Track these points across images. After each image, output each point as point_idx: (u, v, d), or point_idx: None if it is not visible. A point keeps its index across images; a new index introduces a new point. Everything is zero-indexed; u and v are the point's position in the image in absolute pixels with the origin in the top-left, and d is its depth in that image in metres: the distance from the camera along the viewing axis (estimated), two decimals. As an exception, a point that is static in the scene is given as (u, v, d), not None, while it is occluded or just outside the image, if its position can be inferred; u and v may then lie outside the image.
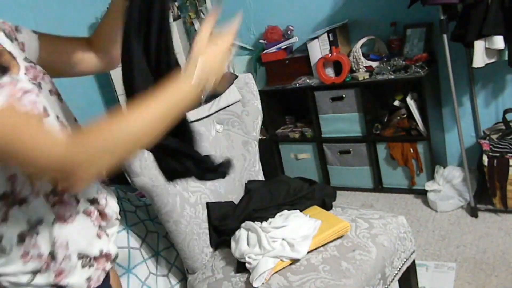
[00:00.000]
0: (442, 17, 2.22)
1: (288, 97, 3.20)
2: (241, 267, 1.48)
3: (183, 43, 3.35)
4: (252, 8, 3.22)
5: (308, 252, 1.45)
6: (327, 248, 1.47)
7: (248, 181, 1.83)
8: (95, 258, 0.95)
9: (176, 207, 1.55)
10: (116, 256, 1.03)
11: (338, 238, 1.50)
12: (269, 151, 3.20)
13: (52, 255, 0.88)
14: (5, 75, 0.81)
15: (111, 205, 1.01)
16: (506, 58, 2.21)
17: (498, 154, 2.33)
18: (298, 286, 1.36)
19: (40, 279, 0.88)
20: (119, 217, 1.04)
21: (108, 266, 0.99)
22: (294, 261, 1.43)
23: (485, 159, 2.35)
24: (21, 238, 0.85)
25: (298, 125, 3.21)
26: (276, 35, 3.09)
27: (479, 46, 2.19)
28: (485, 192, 2.46)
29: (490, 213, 2.45)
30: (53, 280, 0.88)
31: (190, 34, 3.49)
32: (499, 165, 2.31)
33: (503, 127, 2.46)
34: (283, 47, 3.05)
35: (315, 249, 1.46)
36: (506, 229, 2.31)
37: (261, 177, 1.90)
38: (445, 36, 2.26)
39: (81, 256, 0.92)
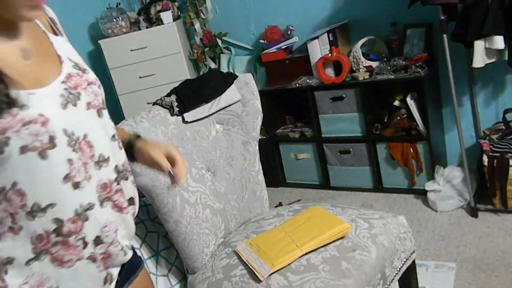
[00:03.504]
0: (442, 17, 2.22)
1: (288, 97, 3.20)
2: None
3: (183, 43, 3.35)
4: (252, 8, 3.22)
5: (308, 252, 1.45)
6: (327, 248, 1.47)
7: None
8: None
9: (176, 207, 1.55)
10: None
11: (338, 238, 1.50)
12: (269, 151, 3.20)
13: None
14: (9, 108, 0.76)
15: (120, 239, 0.96)
16: (506, 58, 2.21)
17: (498, 154, 2.33)
18: (298, 286, 1.36)
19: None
20: (128, 252, 1.00)
21: None
22: (295, 259, 1.43)
23: (485, 159, 2.36)
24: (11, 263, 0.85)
25: (298, 125, 3.21)
26: (276, 35, 3.09)
27: (479, 46, 2.19)
28: (485, 192, 2.46)
29: (490, 213, 2.45)
30: None
31: (190, 34, 3.49)
32: (499, 165, 2.31)
33: (503, 127, 2.46)
34: (283, 47, 3.05)
35: (315, 249, 1.47)
36: (506, 229, 2.31)
37: (261, 177, 1.90)
38: (445, 36, 2.26)
39: None
